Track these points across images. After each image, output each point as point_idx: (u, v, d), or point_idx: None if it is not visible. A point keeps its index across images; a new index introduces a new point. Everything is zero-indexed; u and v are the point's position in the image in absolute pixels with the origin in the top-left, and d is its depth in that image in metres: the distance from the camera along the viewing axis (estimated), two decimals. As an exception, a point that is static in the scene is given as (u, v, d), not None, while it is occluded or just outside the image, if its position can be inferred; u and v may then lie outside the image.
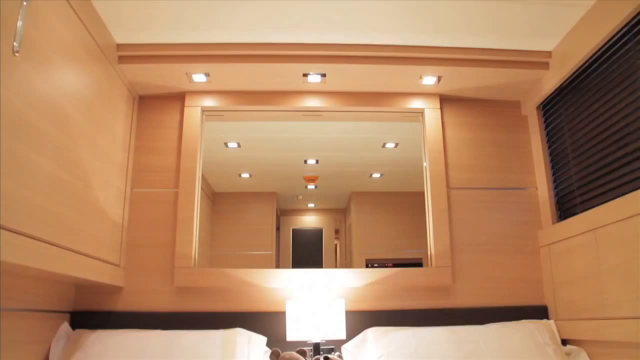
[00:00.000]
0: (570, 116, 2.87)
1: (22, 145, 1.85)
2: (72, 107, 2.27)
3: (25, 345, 2.37)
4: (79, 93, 2.34)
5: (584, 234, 2.58)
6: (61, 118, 2.17)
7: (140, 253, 2.94)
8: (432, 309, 2.93)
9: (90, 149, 2.46)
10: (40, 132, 1.99)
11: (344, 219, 3.22)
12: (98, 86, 2.57)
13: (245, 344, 2.61)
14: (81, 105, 2.36)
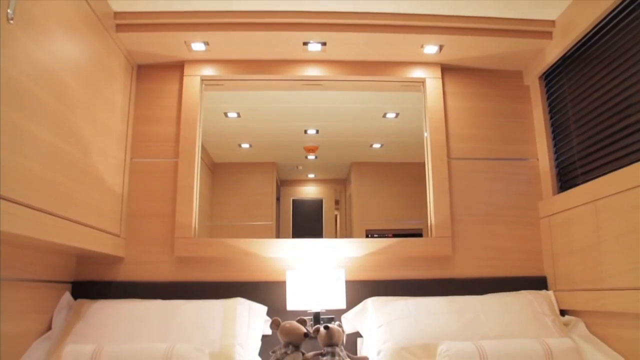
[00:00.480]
0: (573, 87, 2.84)
1: (19, 114, 1.84)
2: (69, 76, 2.24)
3: (28, 314, 2.39)
4: (76, 62, 2.31)
5: (585, 205, 2.58)
6: (59, 87, 2.15)
7: (140, 223, 2.94)
8: (432, 279, 2.94)
9: (88, 119, 2.44)
10: (38, 102, 1.97)
11: (344, 189, 3.21)
12: (96, 55, 2.54)
13: (245, 313, 2.63)
14: (79, 74, 2.34)
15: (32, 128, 1.93)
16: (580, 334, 2.58)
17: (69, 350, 2.15)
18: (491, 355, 2.19)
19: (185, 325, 2.49)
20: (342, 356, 2.39)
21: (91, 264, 2.86)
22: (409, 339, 2.45)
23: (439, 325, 2.52)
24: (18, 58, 1.82)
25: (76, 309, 2.64)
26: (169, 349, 2.15)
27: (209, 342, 2.39)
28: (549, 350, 2.24)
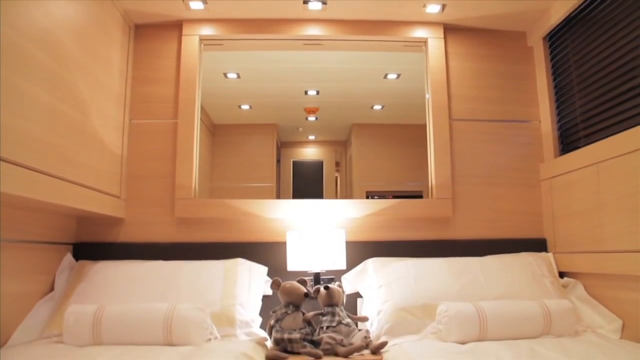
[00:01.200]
0: (577, 48, 2.80)
1: (17, 76, 1.82)
2: (66, 37, 2.21)
3: (30, 275, 2.41)
4: (73, 22, 2.28)
5: (586, 168, 2.57)
6: (56, 48, 2.12)
7: (140, 184, 2.93)
8: (432, 241, 2.96)
9: (86, 80, 2.41)
10: (35, 63, 1.95)
11: (344, 151, 3.19)
12: (93, 15, 2.49)
13: (246, 273, 2.65)
14: (76, 35, 2.30)
15: (30, 89, 1.91)
16: (578, 295, 2.60)
17: (71, 310, 2.17)
18: (490, 315, 2.21)
19: (186, 285, 2.51)
20: (342, 316, 2.41)
21: (92, 225, 2.87)
22: (409, 300, 2.47)
23: (438, 286, 2.54)
24: (15, 19, 1.80)
25: (78, 270, 2.66)
26: (170, 309, 2.16)
27: (210, 302, 2.41)
28: (548, 311, 2.26)
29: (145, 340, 2.11)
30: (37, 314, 2.39)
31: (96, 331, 2.11)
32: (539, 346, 2.01)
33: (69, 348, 2.06)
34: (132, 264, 2.67)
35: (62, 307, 2.40)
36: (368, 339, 2.29)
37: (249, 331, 2.41)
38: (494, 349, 1.98)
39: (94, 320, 2.12)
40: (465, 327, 2.19)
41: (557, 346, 2.01)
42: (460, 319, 2.20)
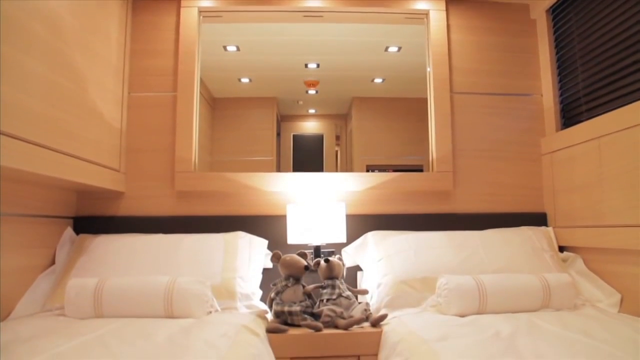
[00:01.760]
0: (581, 21, 2.76)
1: (13, 48, 1.80)
2: (63, 9, 2.18)
3: (31, 249, 2.41)
4: (70, -7, 2.24)
5: (588, 142, 2.56)
6: (53, 20, 2.09)
7: (140, 158, 2.92)
8: (433, 214, 2.96)
9: (84, 53, 2.38)
10: (33, 35, 1.93)
11: (345, 124, 3.18)
12: (90, -14, 2.46)
13: (246, 246, 2.65)
14: (73, 7, 2.27)
15: (27, 62, 1.89)
16: (578, 269, 2.61)
17: (72, 283, 2.18)
18: (490, 289, 2.21)
19: (186, 258, 2.51)
20: (342, 289, 2.42)
21: (92, 199, 2.86)
22: (409, 273, 2.48)
23: (438, 260, 2.55)
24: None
25: (78, 243, 2.66)
26: (171, 282, 2.17)
27: (211, 275, 2.41)
28: (547, 285, 2.27)
29: (146, 313, 2.12)
30: (39, 287, 2.40)
31: (97, 304, 2.12)
32: (538, 319, 2.02)
33: (71, 321, 2.07)
34: (132, 237, 2.67)
35: (63, 280, 2.41)
36: (368, 312, 2.30)
37: (250, 304, 2.42)
38: (494, 321, 1.98)
39: (95, 294, 2.13)
40: (465, 300, 2.20)
41: (556, 319, 2.02)
42: (460, 292, 2.20)
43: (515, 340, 1.71)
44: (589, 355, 1.52)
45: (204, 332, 1.86)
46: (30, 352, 1.50)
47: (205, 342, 1.72)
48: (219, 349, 1.66)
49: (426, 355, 1.70)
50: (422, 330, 1.94)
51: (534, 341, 1.69)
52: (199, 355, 1.56)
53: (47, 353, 1.50)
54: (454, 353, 1.64)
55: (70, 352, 1.54)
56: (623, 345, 1.59)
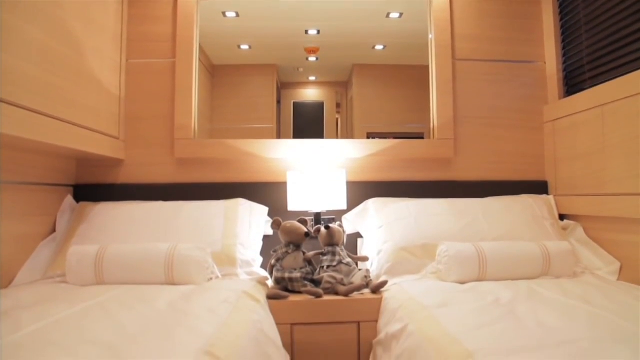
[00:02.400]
0: (586, -15, 2.72)
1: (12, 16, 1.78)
2: (60, -25, 2.14)
3: (31, 217, 2.42)
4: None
5: (591, 110, 2.54)
6: (49, -16, 2.06)
7: (139, 125, 2.90)
8: (433, 181, 2.95)
9: (81, 19, 2.35)
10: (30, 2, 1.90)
11: (345, 92, 3.15)
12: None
13: (246, 213, 2.65)
14: (70, -28, 2.23)
15: (24, 27, 1.87)
16: (578, 238, 2.62)
17: (73, 251, 2.19)
18: (490, 256, 2.22)
19: (187, 225, 2.51)
20: (343, 256, 2.43)
21: (91, 167, 2.85)
22: (409, 240, 2.48)
23: (439, 227, 2.55)
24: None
25: (79, 211, 2.66)
26: (171, 249, 2.17)
27: (211, 242, 2.42)
28: (547, 252, 2.27)
29: (147, 280, 2.13)
30: (40, 254, 2.41)
31: (98, 271, 2.13)
32: (538, 286, 2.03)
33: (73, 287, 2.09)
34: (132, 204, 2.67)
35: (64, 248, 2.42)
36: (368, 279, 2.31)
37: (250, 270, 2.43)
38: (494, 288, 1.99)
39: (96, 261, 2.14)
40: (465, 267, 2.20)
41: (556, 286, 2.02)
42: (460, 259, 2.21)
43: (515, 307, 1.72)
44: (588, 321, 1.52)
45: (205, 298, 1.88)
46: (32, 318, 1.51)
47: (206, 308, 1.73)
48: (220, 315, 1.68)
49: (426, 321, 1.71)
50: (422, 297, 1.95)
51: (534, 308, 1.70)
52: (199, 321, 1.57)
53: (50, 319, 1.51)
54: (454, 319, 1.65)
55: (72, 318, 1.55)
56: (622, 312, 1.60)
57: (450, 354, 1.40)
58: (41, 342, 1.30)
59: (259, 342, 1.69)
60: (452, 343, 1.45)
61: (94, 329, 1.43)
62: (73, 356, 1.19)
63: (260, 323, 1.82)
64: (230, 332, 1.54)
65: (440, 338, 1.53)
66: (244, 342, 1.54)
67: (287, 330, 2.14)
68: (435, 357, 1.46)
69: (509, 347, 1.33)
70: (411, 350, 1.66)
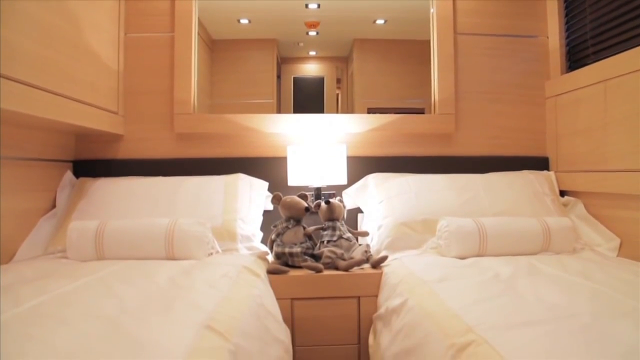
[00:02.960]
0: (592, -43, 2.67)
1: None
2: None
3: (31, 193, 2.42)
4: None
5: (594, 86, 2.51)
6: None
7: (138, 100, 2.88)
8: (434, 157, 2.94)
9: (78, -8, 2.32)
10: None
11: (346, 67, 3.13)
12: None
13: (246, 188, 2.65)
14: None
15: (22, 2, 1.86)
16: (578, 214, 2.62)
17: (73, 226, 2.19)
18: (490, 231, 2.22)
19: (186, 200, 2.51)
20: (343, 230, 2.43)
21: (91, 142, 2.84)
22: (409, 215, 2.48)
23: (439, 202, 2.55)
24: None
25: (78, 187, 2.66)
26: (171, 224, 2.17)
27: (211, 217, 2.42)
28: (547, 228, 2.27)
29: (147, 255, 2.14)
30: (41, 230, 2.41)
31: (99, 246, 2.13)
32: (538, 262, 2.03)
33: (73, 263, 2.09)
34: (132, 180, 2.67)
35: (64, 223, 2.42)
36: (368, 253, 2.32)
37: (250, 245, 2.44)
38: (494, 264, 2.00)
39: (96, 236, 2.14)
40: (466, 243, 2.21)
41: (556, 262, 2.03)
42: (460, 235, 2.21)
43: (514, 282, 1.73)
44: (588, 297, 1.52)
45: (205, 272, 1.88)
46: (34, 293, 1.51)
47: (207, 283, 1.74)
48: (220, 289, 1.68)
49: (426, 296, 1.71)
50: (422, 272, 1.95)
51: (534, 283, 1.70)
52: (200, 296, 1.58)
53: (51, 293, 1.52)
54: (454, 294, 1.65)
55: (73, 293, 1.56)
56: (622, 288, 1.60)
57: (450, 328, 1.40)
58: (42, 316, 1.30)
59: (259, 317, 1.69)
60: (451, 317, 1.46)
61: (94, 303, 1.44)
62: (74, 330, 1.19)
63: (260, 297, 1.82)
64: (231, 306, 1.55)
65: (440, 313, 1.54)
66: (244, 317, 1.54)
67: (288, 305, 2.15)
68: (435, 331, 1.46)
69: (508, 321, 1.33)
70: (411, 324, 1.67)
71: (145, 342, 1.15)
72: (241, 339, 1.37)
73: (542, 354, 1.12)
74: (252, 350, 1.44)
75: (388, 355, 1.78)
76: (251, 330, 1.54)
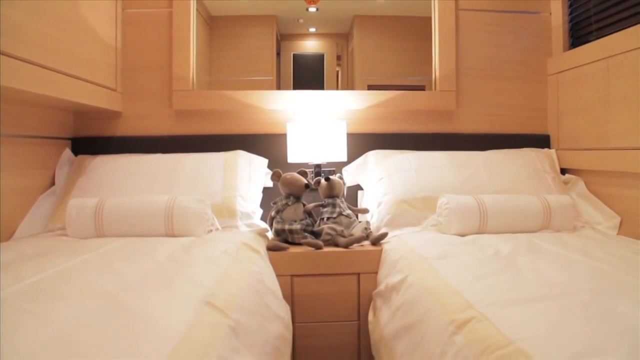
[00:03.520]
0: None
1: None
2: None
3: (30, 170, 2.41)
4: None
5: (596, 63, 2.49)
6: None
7: (136, 77, 2.85)
8: (434, 134, 2.93)
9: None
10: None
11: (346, 44, 3.10)
12: None
13: (246, 165, 2.64)
14: None
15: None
16: (578, 192, 2.61)
17: (72, 204, 2.18)
18: (491, 209, 2.21)
19: (186, 178, 2.50)
20: (343, 207, 2.42)
21: (89, 119, 2.82)
22: (410, 192, 2.48)
23: (439, 179, 2.54)
24: None
25: (77, 164, 2.65)
26: (171, 201, 2.17)
27: (211, 194, 2.41)
28: (548, 206, 2.27)
29: (146, 232, 2.13)
30: (40, 208, 2.41)
31: (98, 224, 2.13)
32: (538, 239, 2.03)
33: (73, 240, 2.09)
34: (131, 157, 2.66)
35: (63, 201, 2.42)
36: (368, 231, 2.32)
37: (250, 222, 2.43)
38: (494, 241, 2.00)
39: (95, 213, 2.13)
40: (466, 220, 2.20)
41: (556, 240, 2.03)
42: (460, 212, 2.21)
43: (514, 259, 1.73)
44: (588, 273, 1.53)
45: (205, 249, 1.88)
46: (34, 270, 1.51)
47: (206, 259, 1.74)
48: (220, 266, 1.68)
49: (426, 273, 1.71)
50: (422, 249, 1.95)
51: (534, 260, 1.70)
52: (199, 272, 1.58)
53: (51, 270, 1.51)
54: (454, 270, 1.65)
55: (73, 269, 1.56)
56: (622, 266, 1.60)
57: (450, 305, 1.41)
58: (41, 292, 1.30)
59: (258, 293, 1.70)
60: (451, 294, 1.46)
61: (94, 280, 1.44)
62: (73, 306, 1.19)
63: (260, 274, 1.83)
64: (230, 282, 1.55)
65: (439, 289, 1.54)
66: (244, 293, 1.55)
67: (287, 281, 2.16)
68: (435, 308, 1.46)
69: (508, 298, 1.34)
70: (411, 301, 1.67)
71: (144, 318, 1.15)
72: (241, 315, 1.38)
73: (542, 331, 1.12)
74: (252, 326, 1.44)
75: (388, 332, 1.78)
76: (251, 307, 1.54)
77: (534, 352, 1.02)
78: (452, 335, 1.28)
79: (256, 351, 1.39)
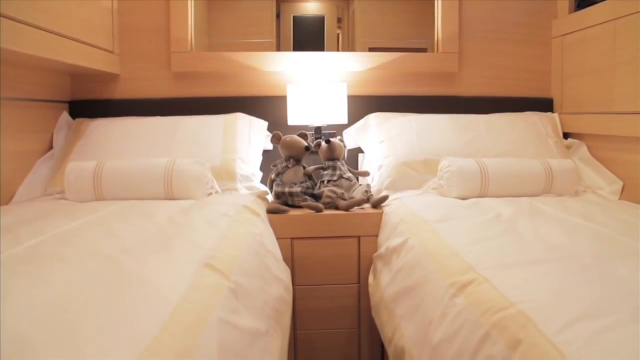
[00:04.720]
0: None
1: None
2: None
3: (28, 134, 2.40)
4: None
5: (602, 25, 2.44)
6: None
7: (134, 38, 2.80)
8: (436, 96, 2.89)
9: None
10: None
11: (347, 5, 3.05)
12: None
13: (246, 128, 2.62)
14: None
15: None
16: (581, 156, 2.60)
17: (71, 167, 2.17)
18: (492, 172, 2.20)
19: (185, 140, 2.48)
20: (343, 170, 2.41)
21: (86, 82, 2.78)
22: (411, 155, 2.46)
23: (441, 142, 2.52)
24: None
25: (75, 128, 2.63)
26: (170, 163, 2.15)
27: (210, 156, 2.39)
28: (550, 170, 2.26)
29: (146, 195, 2.13)
30: (38, 172, 2.40)
31: (97, 187, 2.12)
32: (539, 203, 2.02)
33: (72, 204, 2.09)
34: (130, 120, 2.63)
35: (62, 164, 2.40)
36: (369, 193, 2.31)
37: (250, 185, 2.43)
38: (495, 204, 1.99)
39: (94, 177, 2.12)
40: (467, 183, 2.19)
41: (558, 204, 2.02)
42: (462, 175, 2.19)
43: (515, 223, 1.72)
44: (589, 237, 1.52)
45: (205, 211, 1.88)
46: (33, 233, 1.50)
47: (206, 221, 1.73)
48: (220, 228, 1.68)
49: (427, 235, 1.71)
50: (423, 212, 1.95)
51: (535, 223, 1.70)
52: (199, 234, 1.57)
53: (50, 233, 1.51)
54: (455, 233, 1.65)
55: (73, 232, 1.55)
56: (623, 230, 1.60)
57: (450, 267, 1.41)
58: (41, 255, 1.30)
59: (258, 255, 1.70)
60: (452, 256, 1.46)
61: (93, 242, 1.43)
62: (73, 268, 1.19)
63: (260, 236, 1.83)
64: (230, 244, 1.55)
65: (440, 251, 1.54)
66: (243, 255, 1.55)
67: (287, 244, 2.17)
68: (436, 270, 1.47)
69: (509, 260, 1.33)
70: (411, 263, 1.67)
71: (144, 280, 1.15)
72: (241, 277, 1.38)
73: (543, 293, 1.12)
74: (252, 288, 1.45)
75: (388, 294, 1.79)
76: (251, 269, 1.55)
77: (535, 314, 1.02)
78: (453, 298, 1.28)
79: (256, 313, 1.40)
